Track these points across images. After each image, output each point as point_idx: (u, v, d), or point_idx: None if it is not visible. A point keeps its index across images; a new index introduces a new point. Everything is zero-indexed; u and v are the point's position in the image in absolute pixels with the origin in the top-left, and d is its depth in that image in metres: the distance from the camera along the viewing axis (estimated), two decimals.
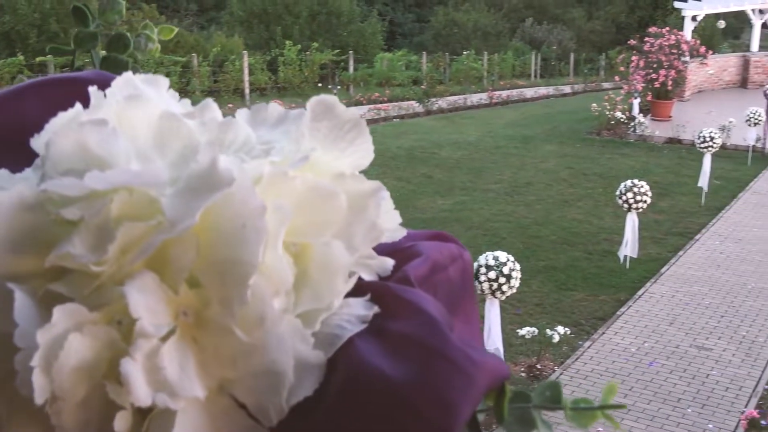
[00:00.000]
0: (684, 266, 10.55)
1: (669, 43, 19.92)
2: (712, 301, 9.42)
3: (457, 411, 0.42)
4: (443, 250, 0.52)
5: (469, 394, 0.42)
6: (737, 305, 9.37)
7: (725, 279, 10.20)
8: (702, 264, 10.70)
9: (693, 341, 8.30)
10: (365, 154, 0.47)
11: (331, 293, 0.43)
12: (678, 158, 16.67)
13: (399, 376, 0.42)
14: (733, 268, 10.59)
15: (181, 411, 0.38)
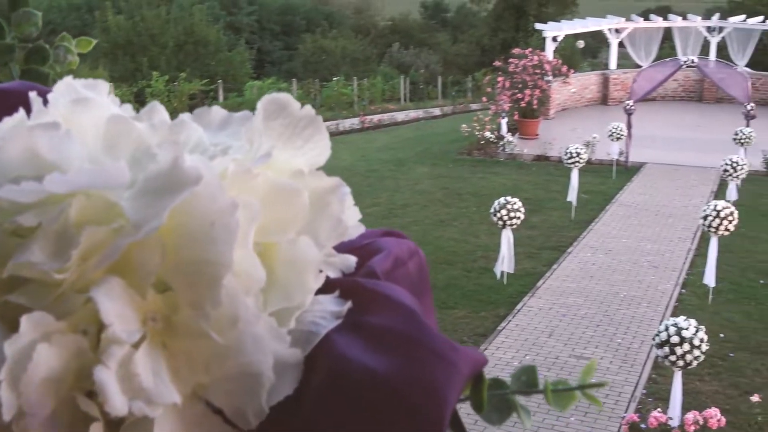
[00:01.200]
0: (559, 279, 10.82)
1: (532, 64, 20.51)
2: (588, 312, 9.68)
3: (445, 398, 0.42)
4: (402, 245, 0.52)
5: (454, 381, 0.43)
6: (611, 314, 9.66)
7: (599, 289, 10.51)
8: (576, 276, 11.00)
9: (572, 351, 8.51)
10: (322, 151, 0.46)
11: (302, 291, 0.42)
12: (547, 174, 17.13)
13: (383, 368, 0.42)
14: (605, 279, 10.92)
15: (157, 420, 0.37)
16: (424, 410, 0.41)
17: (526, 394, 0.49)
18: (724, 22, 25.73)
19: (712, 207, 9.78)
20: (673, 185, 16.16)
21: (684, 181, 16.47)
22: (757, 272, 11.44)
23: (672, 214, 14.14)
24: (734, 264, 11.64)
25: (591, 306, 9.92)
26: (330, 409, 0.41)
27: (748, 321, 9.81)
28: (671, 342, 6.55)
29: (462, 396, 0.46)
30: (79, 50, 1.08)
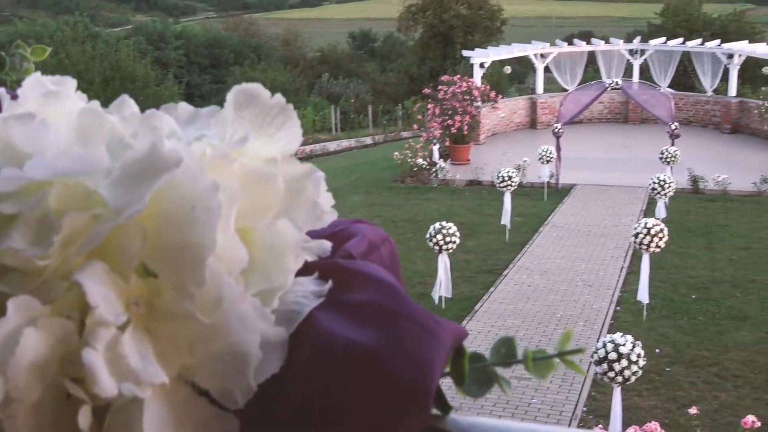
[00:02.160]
0: (496, 302, 10.89)
1: (461, 90, 20.73)
2: (526, 332, 9.75)
3: (431, 368, 0.43)
4: (375, 231, 0.54)
5: (439, 351, 0.44)
6: (549, 334, 9.74)
7: (536, 310, 10.60)
8: (513, 298, 11.08)
9: (512, 373, 8.49)
10: (294, 138, 0.47)
11: (282, 272, 0.43)
12: (480, 199, 17.28)
13: (369, 341, 0.43)
14: (541, 300, 11.03)
15: (146, 402, 0.37)
16: (411, 380, 0.42)
17: (506, 365, 0.50)
18: (645, 44, 26.39)
19: (642, 225, 9.96)
20: (603, 205, 16.44)
21: (614, 200, 16.76)
22: (689, 287, 11.67)
23: (604, 234, 14.36)
24: (666, 280, 11.86)
25: (529, 327, 10.01)
26: (318, 384, 0.42)
27: (682, 335, 9.99)
28: (609, 359, 6.63)
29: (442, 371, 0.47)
30: (34, 58, 1.08)
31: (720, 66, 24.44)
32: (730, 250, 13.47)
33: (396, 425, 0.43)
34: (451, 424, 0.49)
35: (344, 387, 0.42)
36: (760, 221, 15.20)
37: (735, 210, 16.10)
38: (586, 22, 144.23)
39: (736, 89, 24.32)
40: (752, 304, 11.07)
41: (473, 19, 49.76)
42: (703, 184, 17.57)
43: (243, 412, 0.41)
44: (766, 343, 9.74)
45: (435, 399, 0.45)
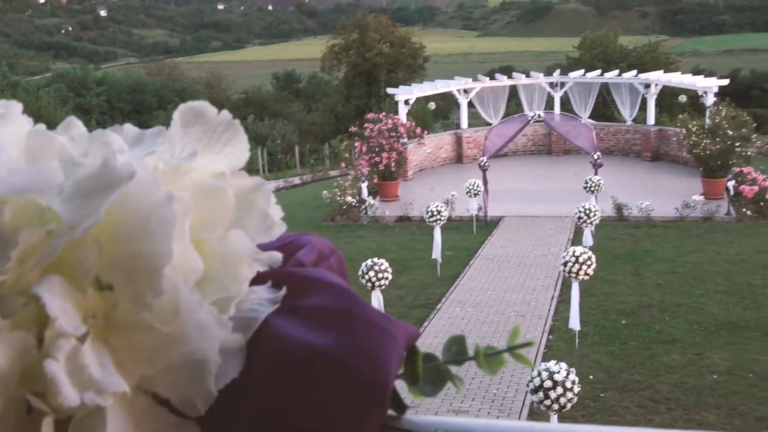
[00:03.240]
0: (430, 336, 10.90)
1: (387, 127, 20.87)
2: (462, 366, 9.76)
3: (388, 365, 0.45)
4: (323, 242, 0.56)
5: (394, 350, 0.46)
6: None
7: (470, 343, 10.58)
8: (446, 331, 11.11)
9: (449, 406, 8.55)
10: (241, 153, 0.47)
11: (236, 282, 0.44)
12: (410, 234, 17.35)
13: (326, 342, 0.44)
14: (475, 332, 11.08)
15: (108, 412, 0.38)
16: (368, 377, 0.44)
17: (458, 363, 0.51)
18: (564, 77, 26.95)
19: (570, 253, 10.11)
20: (532, 236, 16.64)
21: (542, 231, 16.98)
22: (618, 313, 11.86)
23: (533, 264, 14.53)
24: (596, 307, 12.03)
25: None
26: (278, 387, 0.43)
27: (614, 361, 10.12)
28: (545, 387, 6.68)
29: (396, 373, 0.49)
30: None
31: (638, 96, 25.08)
32: (656, 274, 13.74)
33: (356, 423, 0.44)
34: (408, 424, 0.50)
35: (304, 388, 0.43)
36: (683, 245, 15.55)
37: (659, 236, 16.45)
38: (506, 57, 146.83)
39: (654, 118, 24.96)
40: (680, 327, 11.29)
41: (396, 58, 50.26)
42: (628, 212, 17.94)
43: (204, 418, 0.41)
44: (695, 365, 9.94)
45: (391, 399, 0.46)
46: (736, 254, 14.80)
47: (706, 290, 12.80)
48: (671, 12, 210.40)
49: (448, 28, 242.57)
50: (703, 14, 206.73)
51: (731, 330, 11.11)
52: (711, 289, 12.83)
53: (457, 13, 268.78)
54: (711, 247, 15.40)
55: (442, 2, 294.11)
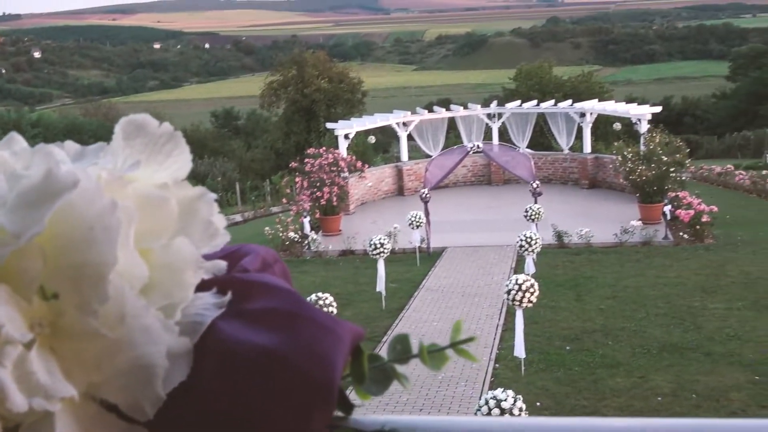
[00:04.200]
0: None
1: (328, 162, 20.91)
2: (409, 398, 9.75)
3: (334, 364, 0.46)
4: (267, 250, 0.57)
5: (340, 349, 0.47)
6: (432, 397, 9.77)
7: (417, 374, 10.61)
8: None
9: None
10: (184, 164, 0.48)
11: (181, 288, 0.44)
12: (354, 268, 17.33)
13: (273, 343, 0.45)
14: (420, 363, 11.05)
15: (57, 418, 0.38)
16: (315, 376, 0.45)
17: (403, 361, 0.52)
18: (502, 108, 27.30)
19: (513, 281, 10.19)
20: (475, 265, 16.73)
21: (484, 260, 17.09)
22: (563, 339, 11.96)
23: (477, 293, 14.60)
24: (540, 334, 12.12)
25: (412, 392, 10.02)
26: (226, 389, 0.44)
27: (560, 387, 10.19)
28: (492, 415, 6.69)
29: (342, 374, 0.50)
30: None
31: (574, 125, 25.50)
32: (598, 300, 13.90)
33: (303, 422, 0.44)
34: (355, 424, 0.51)
35: (250, 389, 0.44)
36: (623, 270, 15.77)
37: (599, 261, 16.66)
38: (444, 90, 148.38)
39: (590, 146, 25.37)
40: (623, 350, 11.42)
41: (335, 93, 50.47)
42: (568, 239, 18.15)
43: (153, 422, 0.42)
44: (639, 388, 10.05)
45: (338, 399, 0.47)
46: (675, 277, 15.05)
47: (648, 314, 12.98)
48: (603, 42, 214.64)
49: (386, 63, 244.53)
50: (634, 44, 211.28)
51: (673, 352, 11.28)
52: (652, 313, 13.02)
53: (394, 47, 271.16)
54: (650, 271, 15.65)
55: (379, 37, 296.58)
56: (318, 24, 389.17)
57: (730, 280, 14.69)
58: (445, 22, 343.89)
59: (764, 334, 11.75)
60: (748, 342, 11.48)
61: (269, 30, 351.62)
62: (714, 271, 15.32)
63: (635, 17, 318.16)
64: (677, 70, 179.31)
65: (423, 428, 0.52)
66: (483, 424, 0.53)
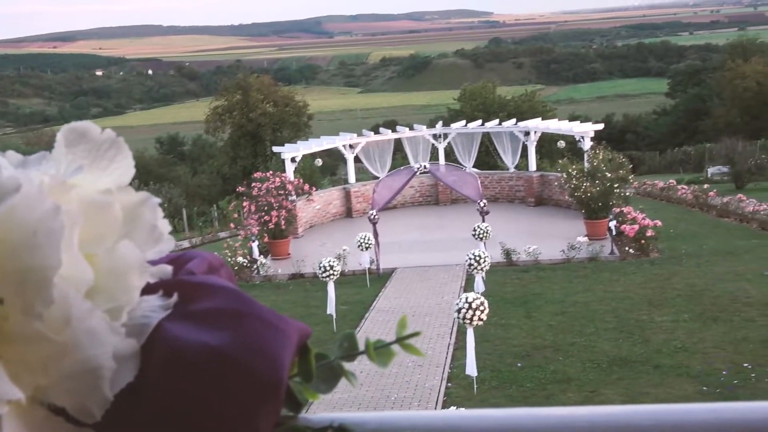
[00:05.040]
0: (329, 395, 10.79)
1: (275, 186, 20.83)
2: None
3: (281, 361, 0.46)
4: (213, 256, 0.57)
5: (287, 346, 0.48)
6: None
7: (370, 396, 10.60)
8: (346, 386, 10.94)
9: None
10: (127, 170, 0.48)
11: (126, 291, 0.45)
12: (304, 291, 17.26)
13: (220, 342, 0.46)
14: (374, 384, 11.04)
15: (4, 421, 0.38)
16: (262, 373, 0.45)
17: (350, 358, 0.52)
18: (447, 129, 27.48)
19: (463, 300, 10.23)
20: (425, 285, 16.76)
21: (434, 280, 17.13)
22: (514, 356, 12.01)
23: (428, 313, 14.62)
24: (492, 351, 12.17)
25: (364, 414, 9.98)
26: (174, 388, 0.44)
27: (513, 404, 10.22)
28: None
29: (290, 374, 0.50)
30: None
31: (518, 143, 25.76)
32: (547, 316, 14.01)
33: (251, 418, 0.45)
34: (304, 421, 0.51)
35: (198, 387, 0.44)
36: (571, 286, 15.93)
37: (547, 278, 16.81)
38: (389, 111, 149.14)
39: (535, 164, 25.65)
40: (574, 366, 11.51)
41: (280, 116, 50.42)
42: (516, 256, 18.28)
43: (101, 424, 0.42)
44: (590, 402, 10.11)
45: (286, 398, 0.47)
46: (622, 291, 15.23)
47: (597, 328, 13.11)
48: (545, 62, 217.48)
49: (331, 86, 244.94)
50: (576, 63, 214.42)
51: (623, 365, 11.39)
52: (601, 327, 13.15)
53: (339, 70, 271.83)
54: (598, 286, 15.82)
55: (323, 61, 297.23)
56: (262, 48, 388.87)
57: (676, 292, 14.91)
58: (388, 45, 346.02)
59: (711, 346, 11.93)
60: (695, 353, 11.65)
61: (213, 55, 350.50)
62: (660, 285, 15.54)
63: (575, 37, 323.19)
64: (618, 88, 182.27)
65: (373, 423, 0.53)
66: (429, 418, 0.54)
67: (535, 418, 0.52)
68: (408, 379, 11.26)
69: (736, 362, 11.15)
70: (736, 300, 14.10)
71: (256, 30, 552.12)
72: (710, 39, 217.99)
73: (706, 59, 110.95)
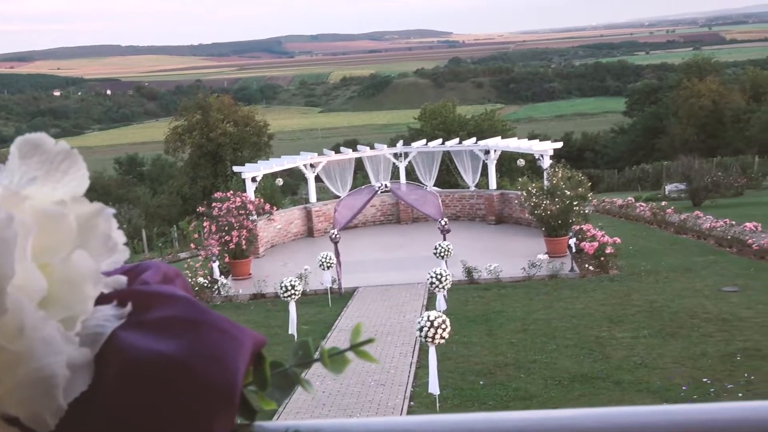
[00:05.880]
0: (291, 413, 10.75)
1: (236, 206, 20.73)
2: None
3: (235, 368, 0.47)
4: (168, 267, 0.58)
5: (241, 354, 0.48)
6: None
7: (332, 416, 10.53)
8: (308, 407, 10.98)
9: None
10: (81, 181, 0.48)
11: (81, 300, 0.45)
12: (265, 311, 17.17)
13: (174, 350, 0.46)
14: (336, 405, 11.00)
15: None
16: (216, 380, 0.46)
17: (304, 366, 0.52)
18: (408, 147, 27.57)
19: (425, 318, 10.23)
20: (387, 304, 16.75)
21: (396, 299, 17.13)
22: (476, 374, 12.03)
23: (390, 332, 14.61)
24: (454, 370, 12.18)
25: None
26: (128, 396, 0.44)
27: None
28: None
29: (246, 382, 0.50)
30: None
31: (479, 162, 25.91)
32: (509, 334, 14.06)
33: (206, 426, 0.45)
34: (260, 429, 0.51)
35: (152, 395, 0.44)
36: (532, 304, 16.01)
37: (509, 296, 16.88)
38: (350, 131, 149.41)
39: (495, 182, 25.82)
40: (536, 383, 11.55)
41: (241, 136, 50.31)
42: (477, 274, 18.34)
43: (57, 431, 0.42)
44: None
45: (240, 407, 0.47)
46: (583, 309, 15.34)
47: (558, 345, 13.18)
48: (504, 81, 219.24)
49: (291, 105, 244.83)
50: (535, 82, 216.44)
51: (584, 382, 11.46)
52: (562, 344, 13.22)
53: (299, 90, 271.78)
54: (559, 303, 15.91)
55: (284, 80, 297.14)
56: (222, 68, 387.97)
57: (636, 309, 15.04)
58: (349, 65, 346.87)
59: (670, 361, 12.04)
60: (655, 369, 11.75)
61: (173, 75, 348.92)
62: (620, 301, 15.67)
63: (534, 56, 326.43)
64: (576, 107, 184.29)
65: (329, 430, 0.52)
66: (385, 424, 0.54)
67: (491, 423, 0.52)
68: (370, 399, 11.23)
69: (695, 377, 11.27)
70: (695, 316, 14.26)
71: (217, 50, 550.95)
72: (666, 58, 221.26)
73: (662, 78, 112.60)
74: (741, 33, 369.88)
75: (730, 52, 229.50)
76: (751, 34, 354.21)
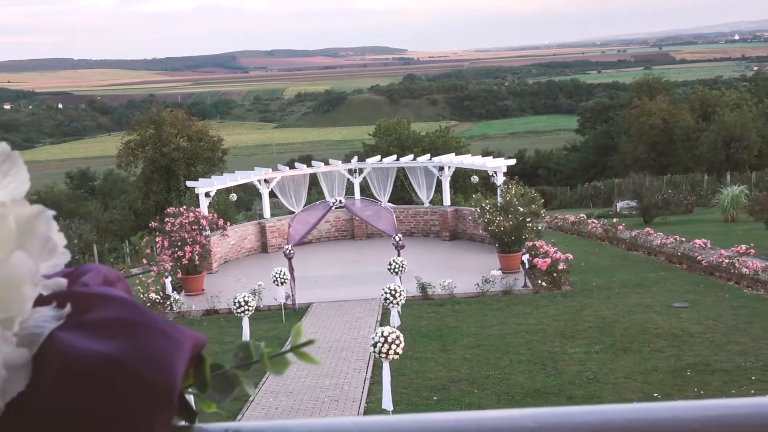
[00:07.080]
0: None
1: (189, 221, 20.59)
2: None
3: (174, 370, 0.47)
4: (109, 270, 0.58)
5: (181, 355, 0.48)
6: None
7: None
8: None
9: None
10: (22, 183, 0.49)
11: (19, 301, 0.45)
12: (219, 327, 17.03)
13: (113, 350, 0.46)
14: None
15: None
16: (154, 380, 0.46)
17: (245, 367, 0.53)
18: (362, 163, 27.62)
19: (379, 334, 10.22)
20: (341, 320, 16.72)
21: (350, 314, 17.10)
22: (430, 390, 12.04)
23: (344, 348, 14.58)
24: (408, 385, 12.18)
25: None
26: (66, 395, 0.44)
27: None
28: None
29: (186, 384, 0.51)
30: None
31: (433, 178, 26.03)
32: (463, 349, 14.10)
33: (145, 426, 0.45)
34: (199, 431, 0.51)
35: (92, 395, 0.44)
36: (485, 319, 16.08)
37: (462, 311, 16.93)
38: (305, 146, 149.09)
39: (449, 199, 25.96)
40: (489, 398, 11.59)
41: (194, 151, 50.01)
42: (432, 290, 18.38)
43: None
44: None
45: (181, 408, 0.47)
46: (536, 324, 15.44)
47: (511, 361, 13.24)
48: (459, 98, 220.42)
49: (246, 121, 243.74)
50: (488, 100, 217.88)
51: (537, 397, 11.52)
52: (515, 360, 13.29)
53: (254, 105, 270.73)
54: (512, 318, 16.00)
55: (238, 96, 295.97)
56: (176, 83, 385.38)
57: (588, 324, 15.18)
58: (303, 80, 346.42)
59: (621, 376, 12.16)
60: (607, 384, 11.86)
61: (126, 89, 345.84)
62: (572, 317, 15.80)
63: (488, 74, 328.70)
64: (530, 125, 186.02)
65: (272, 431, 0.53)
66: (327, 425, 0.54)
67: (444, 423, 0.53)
68: (324, 414, 11.17)
69: (646, 392, 11.39)
70: (646, 331, 14.42)
71: (170, 64, 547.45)
72: (617, 77, 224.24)
73: (613, 97, 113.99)
74: (690, 53, 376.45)
75: (679, 72, 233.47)
76: (700, 54, 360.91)
